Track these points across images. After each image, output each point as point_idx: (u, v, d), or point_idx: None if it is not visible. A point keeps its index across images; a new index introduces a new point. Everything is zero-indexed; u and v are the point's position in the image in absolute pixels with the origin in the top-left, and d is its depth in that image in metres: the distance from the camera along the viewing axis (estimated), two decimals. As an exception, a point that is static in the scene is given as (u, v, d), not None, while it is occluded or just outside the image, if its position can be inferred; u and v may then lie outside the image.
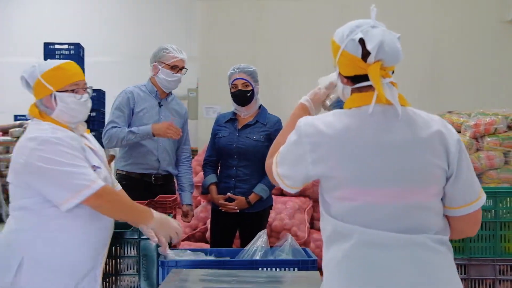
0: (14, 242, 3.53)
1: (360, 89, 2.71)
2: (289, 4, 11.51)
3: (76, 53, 9.63)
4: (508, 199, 4.84)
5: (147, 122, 5.51)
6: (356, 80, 2.71)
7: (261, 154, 5.49)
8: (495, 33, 11.23)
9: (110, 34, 15.07)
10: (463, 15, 11.24)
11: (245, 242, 5.50)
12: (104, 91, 10.95)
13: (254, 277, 3.60)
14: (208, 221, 6.89)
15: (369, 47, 2.62)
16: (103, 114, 10.81)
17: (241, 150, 5.50)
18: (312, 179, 2.68)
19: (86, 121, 3.94)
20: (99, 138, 10.12)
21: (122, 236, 4.22)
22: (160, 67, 5.57)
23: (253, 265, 3.97)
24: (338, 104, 3.12)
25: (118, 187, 4.18)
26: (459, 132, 6.54)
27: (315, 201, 7.11)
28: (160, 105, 5.64)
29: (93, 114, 10.50)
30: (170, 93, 5.76)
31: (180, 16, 15.14)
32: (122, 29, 15.16)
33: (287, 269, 3.93)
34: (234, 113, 5.66)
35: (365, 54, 2.64)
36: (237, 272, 3.74)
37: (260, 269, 3.94)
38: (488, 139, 6.32)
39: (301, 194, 7.01)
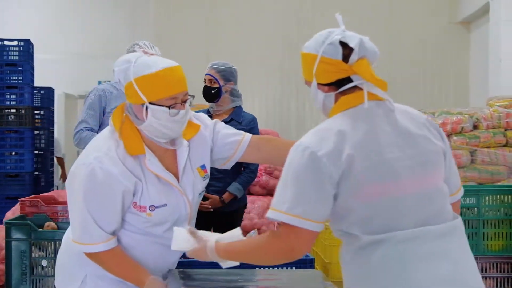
0: (78, 259, 3.22)
1: (344, 93, 2.70)
2: (240, 2, 11.49)
3: (25, 49, 9.34)
4: (490, 197, 4.89)
5: (121, 120, 5.38)
6: (339, 84, 2.70)
7: (236, 153, 5.44)
8: (445, 34, 11.43)
9: (60, 31, 14.76)
10: (415, 16, 11.40)
11: (219, 241, 5.43)
12: (54, 89, 10.71)
13: (255, 275, 3.53)
14: (175, 221, 6.80)
15: (352, 44, 2.64)
16: (52, 112, 10.58)
17: (216, 148, 5.42)
18: (336, 196, 2.56)
19: (36, 120, 3.49)
20: (48, 137, 9.95)
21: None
22: (130, 63, 5.46)
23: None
24: None
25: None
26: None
27: (283, 200, 7.07)
28: (132, 102, 5.51)
29: (42, 112, 10.25)
30: (144, 90, 5.64)
31: (131, 15, 14.94)
32: (72, 26, 14.86)
33: (284, 268, 3.87)
34: (209, 111, 5.58)
35: (346, 56, 2.65)
36: (236, 271, 3.65)
37: (256, 268, 3.87)
38: (455, 138, 6.38)
39: (268, 193, 6.96)
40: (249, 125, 5.50)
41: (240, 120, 5.51)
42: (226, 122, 5.36)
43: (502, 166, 6.36)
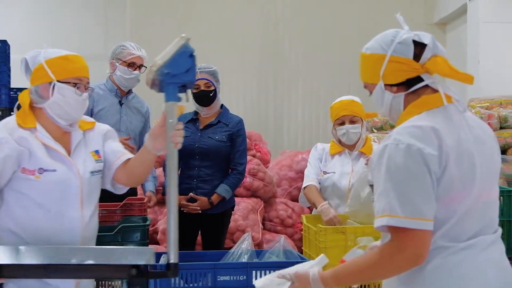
0: None
1: (417, 93, 2.64)
2: (217, 3, 11.46)
3: (2, 50, 9.22)
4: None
5: (109, 121, 5.33)
6: (408, 84, 2.64)
7: (223, 154, 5.43)
8: (421, 35, 11.46)
9: (32, 31, 14.61)
10: (390, 17, 11.38)
11: (207, 243, 5.44)
12: (30, 90, 10.59)
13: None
14: (159, 223, 6.77)
15: (426, 41, 2.62)
16: (29, 113, 10.44)
17: (204, 150, 5.40)
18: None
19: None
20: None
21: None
22: (117, 64, 5.45)
23: (246, 268, 3.90)
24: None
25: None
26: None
27: (266, 202, 7.08)
28: (121, 103, 5.49)
29: (19, 113, 10.11)
30: (131, 91, 5.62)
31: (105, 16, 14.81)
32: (45, 26, 14.71)
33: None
34: (196, 113, 5.55)
35: (417, 54, 2.62)
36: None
37: (254, 272, 3.86)
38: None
39: (252, 195, 6.96)
40: (236, 127, 5.49)
41: (227, 122, 5.49)
42: (213, 125, 5.40)
43: (484, 167, 6.41)
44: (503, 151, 6.59)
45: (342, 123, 4.91)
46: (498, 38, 9.27)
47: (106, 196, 5.13)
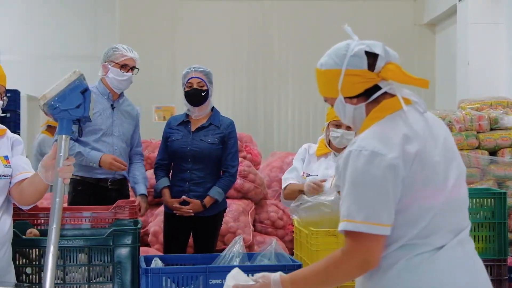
0: None
1: (377, 100, 2.68)
2: (207, 4, 11.47)
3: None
4: (470, 200, 4.90)
5: (100, 125, 5.33)
6: (367, 94, 2.68)
7: (215, 157, 5.43)
8: (411, 36, 11.51)
9: (21, 33, 14.58)
10: (381, 18, 11.45)
11: (199, 245, 5.45)
12: (19, 91, 10.58)
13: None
14: (150, 225, 6.76)
15: (377, 51, 2.65)
16: (19, 115, 10.46)
17: (196, 153, 5.41)
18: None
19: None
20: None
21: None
22: (109, 66, 5.41)
23: (239, 271, 3.89)
24: None
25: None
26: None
27: (257, 203, 7.07)
28: (113, 107, 5.46)
29: (8, 115, 10.10)
30: (122, 94, 5.60)
31: (94, 17, 14.78)
32: (35, 28, 14.66)
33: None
34: (187, 115, 5.55)
35: (371, 64, 2.66)
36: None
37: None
38: (428, 140, 6.42)
39: (243, 196, 6.95)
40: (228, 129, 5.50)
41: (218, 124, 5.50)
42: (205, 127, 5.39)
43: (475, 168, 6.42)
44: (494, 153, 6.59)
45: (339, 126, 4.85)
46: (487, 39, 9.30)
47: (96, 200, 5.17)
